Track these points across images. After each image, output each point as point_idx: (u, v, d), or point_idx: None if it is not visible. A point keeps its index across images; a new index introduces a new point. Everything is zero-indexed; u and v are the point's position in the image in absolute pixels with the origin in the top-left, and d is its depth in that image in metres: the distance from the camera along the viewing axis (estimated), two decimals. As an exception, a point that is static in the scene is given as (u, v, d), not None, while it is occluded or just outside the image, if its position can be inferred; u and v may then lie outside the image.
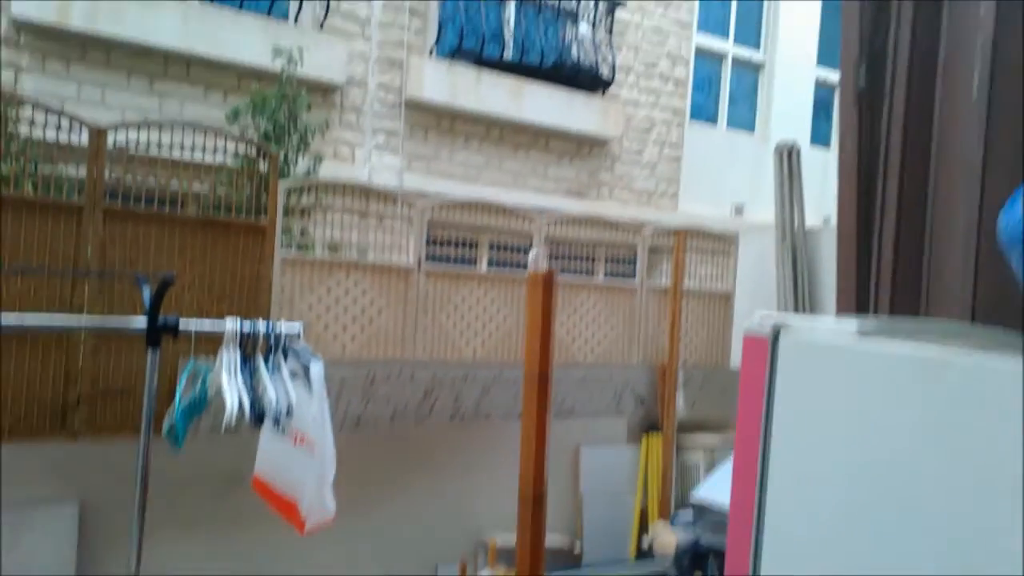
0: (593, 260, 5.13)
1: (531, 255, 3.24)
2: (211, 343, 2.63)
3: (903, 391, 0.82)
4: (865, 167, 2.74)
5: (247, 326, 2.58)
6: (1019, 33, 2.25)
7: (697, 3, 7.37)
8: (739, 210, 7.64)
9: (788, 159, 4.04)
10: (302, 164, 4.73)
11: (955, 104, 2.39)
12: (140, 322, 2.53)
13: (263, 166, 3.61)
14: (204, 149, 3.42)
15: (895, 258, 2.55)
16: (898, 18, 2.51)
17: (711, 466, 4.79)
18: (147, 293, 2.54)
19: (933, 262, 2.54)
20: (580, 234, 4.85)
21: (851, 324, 1.05)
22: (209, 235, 3.40)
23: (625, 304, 4.95)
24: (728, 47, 7.78)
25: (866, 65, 2.62)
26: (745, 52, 7.90)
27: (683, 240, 4.61)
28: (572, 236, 4.83)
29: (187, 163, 3.35)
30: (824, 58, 7.99)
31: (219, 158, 3.47)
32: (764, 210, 6.40)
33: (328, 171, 5.49)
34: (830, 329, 0.99)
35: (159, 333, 2.50)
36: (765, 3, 7.99)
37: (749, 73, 8.04)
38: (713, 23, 7.68)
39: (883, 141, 2.62)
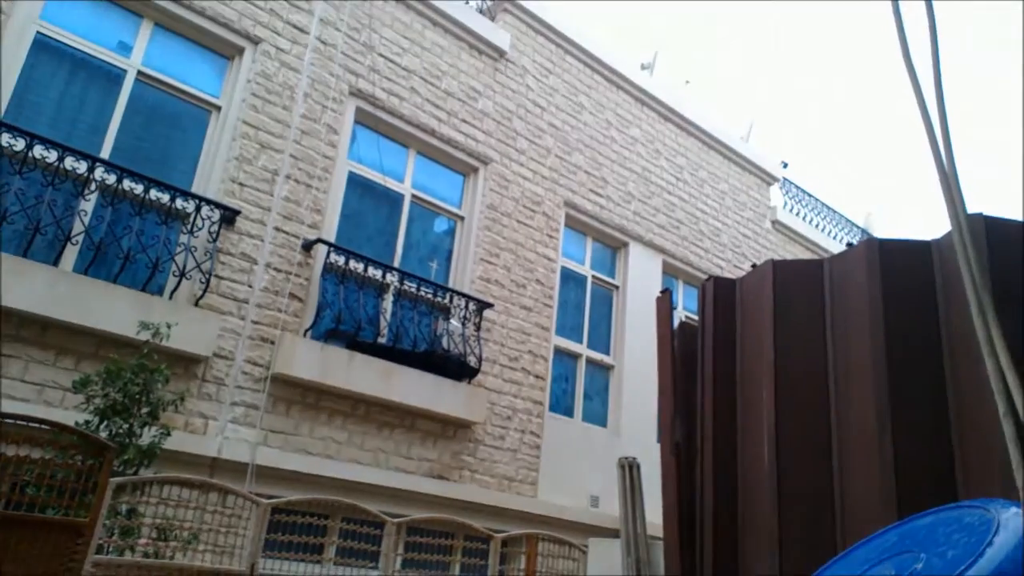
0: (450, 552, 4.98)
1: None
2: None
3: None
4: (685, 508, 3.01)
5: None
6: (796, 410, 2.72)
7: (555, 311, 8.27)
8: (595, 502, 7.82)
9: (630, 473, 4.31)
10: (146, 436, 4.50)
11: (753, 463, 2.76)
12: None
13: (85, 459, 3.39)
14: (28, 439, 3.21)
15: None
16: (703, 390, 2.97)
17: None
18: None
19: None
20: (436, 530, 4.75)
21: None
22: (11, 535, 3.04)
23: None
24: (582, 350, 8.61)
25: (680, 422, 3.01)
26: (597, 355, 8.75)
27: (534, 546, 4.61)
28: (427, 535, 4.71)
29: (3, 454, 3.11)
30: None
31: (42, 448, 3.25)
32: (618, 504, 6.60)
33: (175, 443, 5.23)
34: None
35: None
36: (613, 317, 9.10)
37: (601, 373, 8.82)
38: (569, 330, 8.57)
39: (698, 487, 2.92)
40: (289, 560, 4.16)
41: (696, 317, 3.28)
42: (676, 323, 3.38)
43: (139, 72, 6.08)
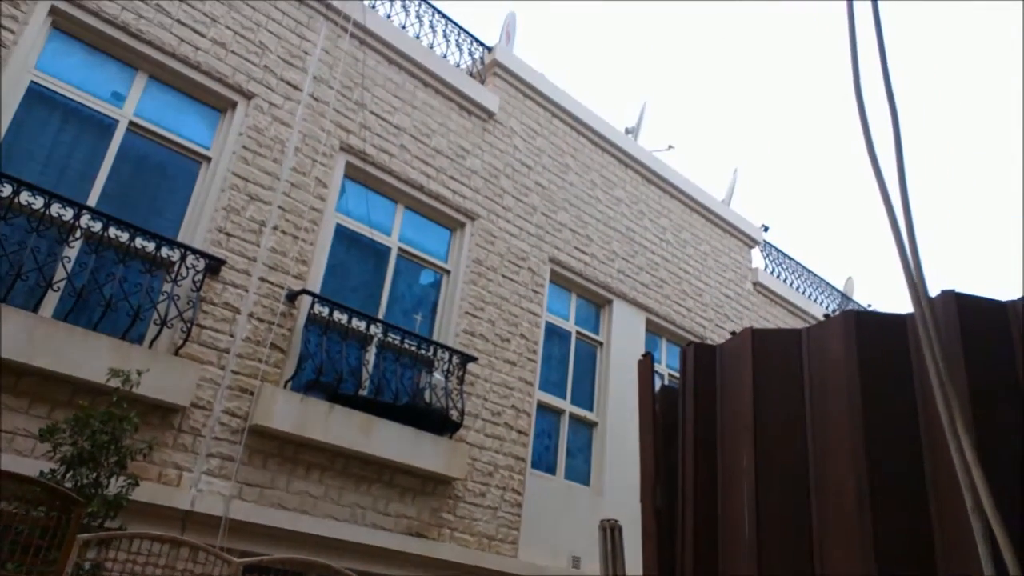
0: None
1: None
2: None
3: None
4: (667, 571, 2.98)
5: None
6: (775, 480, 2.73)
7: (539, 366, 8.28)
8: (576, 563, 7.66)
9: (611, 537, 4.26)
10: (114, 486, 4.38)
11: (733, 533, 2.75)
12: None
13: (50, 512, 3.30)
14: None
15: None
16: (683, 455, 2.98)
17: None
18: None
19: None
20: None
21: None
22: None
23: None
24: (566, 405, 8.58)
25: (662, 487, 3.01)
26: (580, 411, 8.72)
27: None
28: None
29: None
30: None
31: (7, 501, 3.16)
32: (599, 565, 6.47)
33: (147, 494, 5.11)
34: None
35: None
36: (597, 373, 9.11)
37: (584, 429, 8.77)
38: (553, 385, 8.56)
39: (679, 553, 2.89)
40: (259, 624, 4.02)
41: (678, 376, 3.31)
42: (658, 385, 3.40)
43: (131, 122, 6.16)
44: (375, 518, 6.47)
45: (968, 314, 2.34)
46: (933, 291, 2.32)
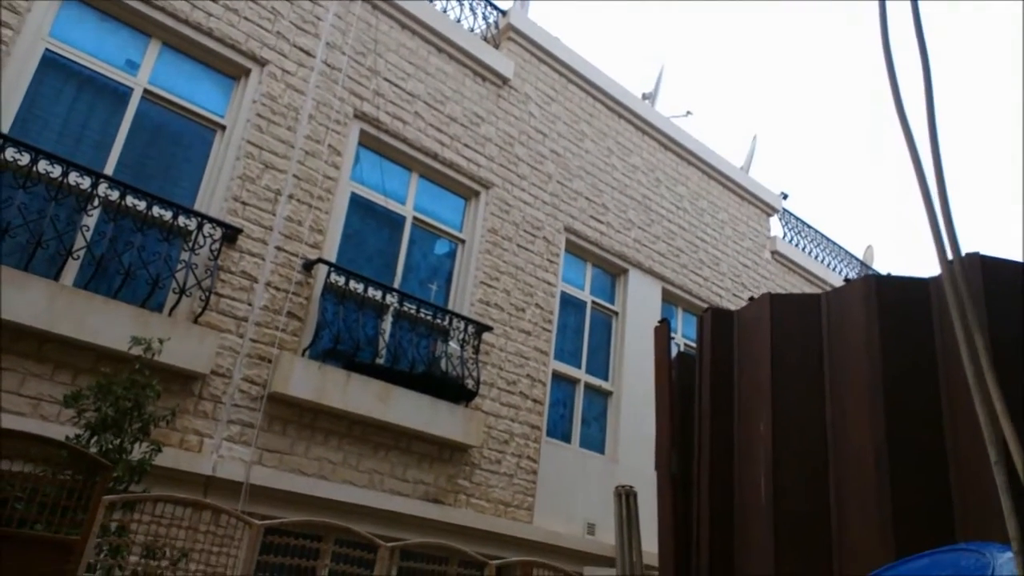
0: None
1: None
2: None
3: None
4: (682, 536, 2.99)
5: None
6: (793, 445, 2.72)
7: (554, 335, 8.28)
8: (591, 529, 7.75)
9: (626, 502, 4.28)
10: (137, 452, 4.47)
11: (750, 498, 2.75)
12: None
13: (76, 475, 3.37)
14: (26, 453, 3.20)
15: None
16: (699, 421, 2.97)
17: None
18: None
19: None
20: (430, 554, 4.70)
21: None
22: (2, 550, 3.01)
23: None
24: (581, 375, 8.60)
25: (677, 453, 3.01)
26: (595, 380, 8.73)
27: (530, 574, 4.57)
28: (421, 560, 4.67)
29: None
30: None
31: (34, 463, 3.23)
32: (614, 532, 6.53)
33: (170, 460, 5.20)
34: None
35: None
36: (612, 343, 9.10)
37: (599, 399, 8.80)
38: (568, 355, 8.57)
39: (694, 518, 2.91)
40: (280, 584, 4.11)
41: (695, 345, 3.29)
42: (675, 352, 3.38)
43: (145, 90, 6.15)
44: (393, 484, 6.56)
45: (992, 275, 2.29)
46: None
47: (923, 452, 2.45)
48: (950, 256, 1.35)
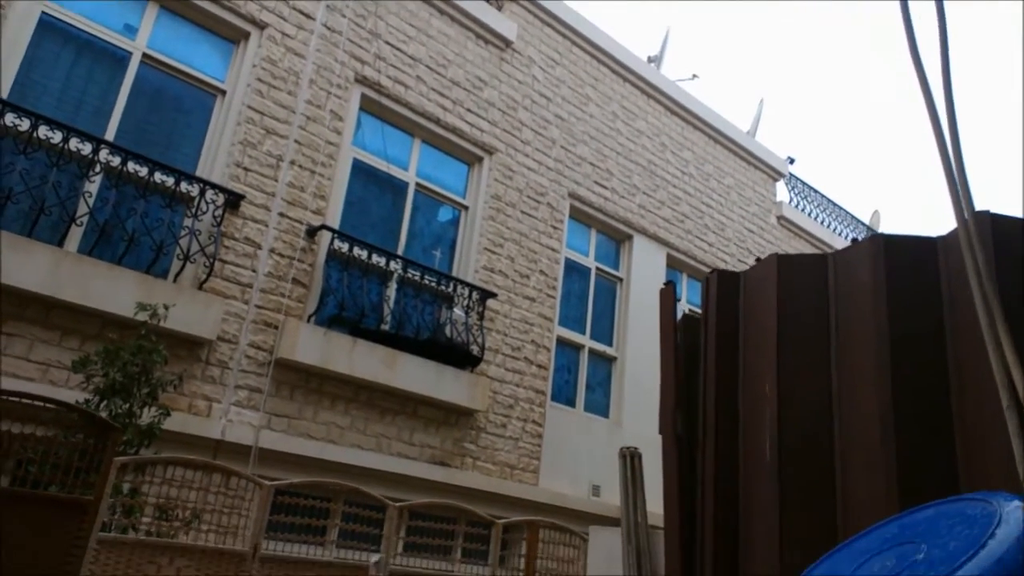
0: (451, 536, 5.02)
1: (373, 560, 3.14)
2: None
3: None
4: (687, 496, 3.03)
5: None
6: (799, 407, 2.73)
7: (558, 302, 8.29)
8: (596, 491, 7.85)
9: (631, 464, 4.32)
10: (146, 416, 4.52)
11: (754, 458, 2.77)
12: None
13: (87, 438, 3.41)
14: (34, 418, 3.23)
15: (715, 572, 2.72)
16: (704, 382, 2.98)
17: None
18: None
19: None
20: (438, 515, 4.78)
21: None
22: (18, 511, 3.06)
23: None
24: (585, 341, 8.62)
25: (682, 414, 3.02)
26: (599, 346, 8.76)
27: (536, 533, 4.64)
28: (429, 519, 4.74)
29: (8, 431, 3.13)
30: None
31: (45, 426, 3.27)
32: (619, 494, 6.61)
33: (178, 424, 5.26)
34: None
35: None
36: (616, 309, 9.11)
37: (604, 364, 8.84)
38: (572, 321, 8.58)
39: (699, 478, 2.93)
40: (292, 543, 4.19)
41: (699, 311, 3.28)
42: (679, 316, 3.38)
43: (144, 54, 6.07)
44: (400, 447, 6.64)
45: (1002, 233, 2.27)
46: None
47: (929, 413, 2.46)
48: (965, 212, 1.34)
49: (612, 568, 5.08)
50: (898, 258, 2.58)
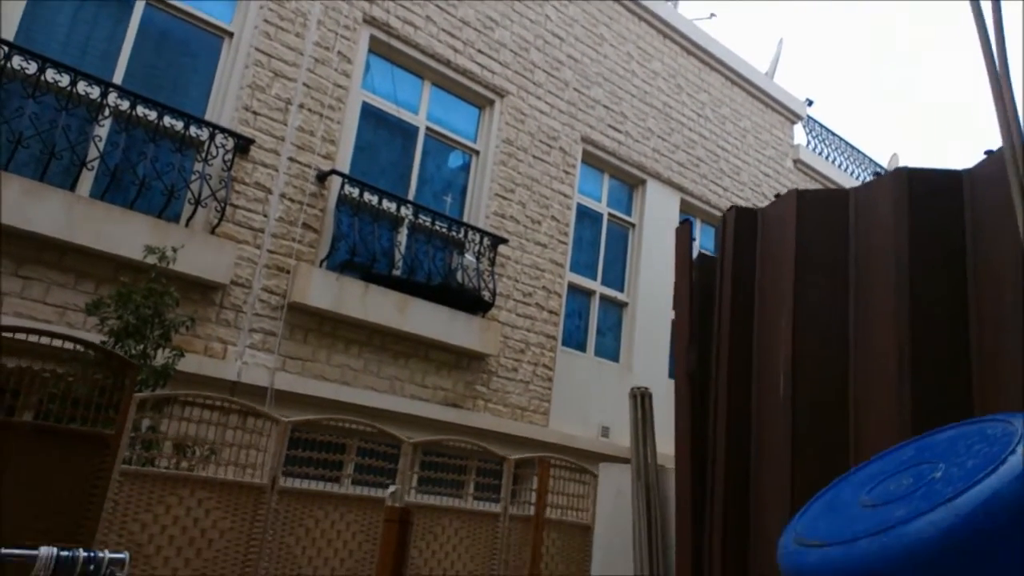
0: (464, 472, 5.13)
1: (389, 491, 3.22)
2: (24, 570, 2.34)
3: None
4: (699, 432, 3.05)
5: (65, 555, 2.33)
6: (814, 344, 2.71)
7: (570, 248, 8.24)
8: (605, 432, 7.95)
9: (641, 403, 4.36)
10: (160, 358, 4.59)
11: (768, 398, 2.77)
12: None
13: (106, 376, 3.46)
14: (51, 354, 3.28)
15: (725, 514, 2.76)
16: (719, 320, 2.96)
17: None
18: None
19: (755, 518, 2.76)
20: (451, 452, 4.87)
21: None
22: (43, 444, 3.15)
23: (488, 531, 4.88)
24: (596, 286, 8.60)
25: (696, 350, 3.02)
26: (611, 292, 8.74)
27: (547, 469, 4.72)
28: (442, 456, 4.84)
29: (30, 367, 3.18)
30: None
31: (65, 364, 3.32)
32: (628, 435, 6.71)
33: (194, 366, 5.34)
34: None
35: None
36: (628, 255, 9.05)
37: (615, 310, 8.84)
38: (583, 267, 8.55)
39: (711, 416, 2.95)
40: (309, 478, 4.29)
41: (717, 238, 3.25)
42: (695, 255, 3.34)
43: (149, -6, 5.93)
44: (413, 389, 6.73)
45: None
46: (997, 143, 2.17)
47: (946, 349, 2.43)
48: (1012, 130, 1.29)
49: (621, 504, 5.19)
50: (922, 192, 2.52)
